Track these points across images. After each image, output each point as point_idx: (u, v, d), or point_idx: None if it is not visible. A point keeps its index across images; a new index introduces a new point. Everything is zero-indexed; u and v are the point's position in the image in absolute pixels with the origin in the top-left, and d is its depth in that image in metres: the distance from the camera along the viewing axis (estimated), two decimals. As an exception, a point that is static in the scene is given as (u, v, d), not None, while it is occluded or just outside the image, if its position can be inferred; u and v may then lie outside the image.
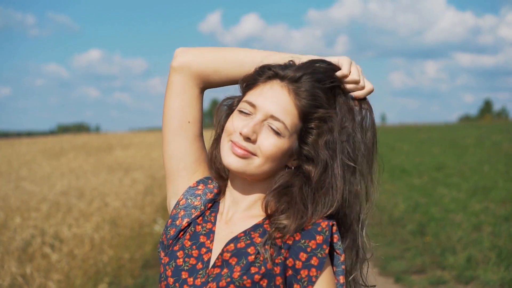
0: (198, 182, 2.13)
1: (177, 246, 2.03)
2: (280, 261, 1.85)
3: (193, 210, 2.07)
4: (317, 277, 1.83)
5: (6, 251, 7.35)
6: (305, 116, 1.92)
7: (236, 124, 1.94)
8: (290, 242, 1.86)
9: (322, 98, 1.93)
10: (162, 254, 2.12)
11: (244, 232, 1.95)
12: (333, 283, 1.89)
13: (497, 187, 14.83)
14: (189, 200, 2.10)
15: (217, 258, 1.93)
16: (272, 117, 1.90)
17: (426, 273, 8.72)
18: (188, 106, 2.13)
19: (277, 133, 1.90)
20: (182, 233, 2.05)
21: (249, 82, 2.01)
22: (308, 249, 1.84)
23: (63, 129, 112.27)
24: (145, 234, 10.17)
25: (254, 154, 1.91)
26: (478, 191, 14.42)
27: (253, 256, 1.87)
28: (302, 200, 1.90)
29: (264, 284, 1.83)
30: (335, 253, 1.92)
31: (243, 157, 1.91)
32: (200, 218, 2.06)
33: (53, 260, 7.06)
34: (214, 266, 1.92)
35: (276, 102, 1.91)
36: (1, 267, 6.67)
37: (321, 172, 1.91)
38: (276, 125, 1.90)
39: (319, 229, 1.86)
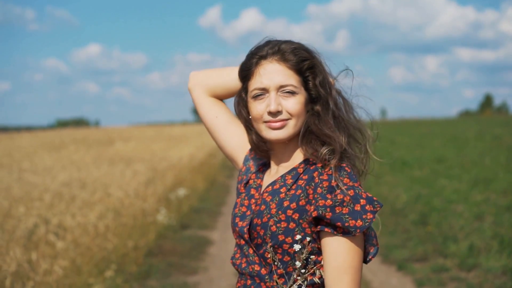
0: (251, 150, 2.59)
1: (238, 198, 2.49)
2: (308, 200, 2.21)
3: (250, 174, 2.54)
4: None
5: (11, 238, 7.39)
6: (299, 70, 2.33)
7: (259, 108, 2.34)
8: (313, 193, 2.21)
9: (303, 53, 2.35)
10: None
11: (281, 175, 2.35)
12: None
13: (498, 178, 14.89)
14: (247, 165, 2.58)
15: (259, 198, 2.36)
16: (281, 86, 2.31)
17: (428, 261, 8.77)
18: (210, 109, 2.65)
19: (292, 94, 2.31)
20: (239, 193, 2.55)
21: (245, 73, 2.41)
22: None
23: (63, 124, 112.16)
24: (148, 223, 10.20)
25: (288, 119, 2.31)
26: (479, 182, 14.48)
27: (283, 194, 2.26)
28: (321, 131, 2.30)
29: (296, 217, 2.19)
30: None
31: (281, 127, 2.30)
32: (254, 175, 2.50)
33: (58, 248, 7.10)
34: (256, 204, 2.35)
35: (276, 74, 2.31)
36: (7, 253, 6.70)
37: (325, 107, 2.34)
38: (287, 89, 2.30)
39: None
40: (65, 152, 24.04)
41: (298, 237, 2.18)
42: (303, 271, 2.19)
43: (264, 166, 2.52)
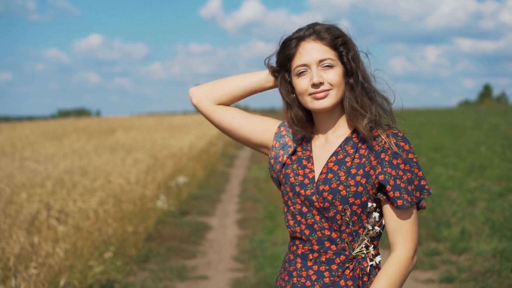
0: (279, 126, 2.82)
1: (288, 170, 2.66)
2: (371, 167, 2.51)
3: (288, 148, 2.73)
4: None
5: (14, 223, 7.59)
6: (334, 46, 2.59)
7: (303, 83, 2.59)
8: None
9: (336, 31, 2.62)
10: (278, 181, 2.74)
11: (340, 146, 2.60)
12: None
13: (492, 166, 15.07)
14: (281, 141, 2.77)
15: (323, 167, 2.58)
16: (320, 61, 2.57)
17: (421, 245, 8.98)
18: (224, 114, 2.83)
19: (330, 67, 2.57)
20: (284, 165, 2.71)
21: (287, 55, 2.66)
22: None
23: (64, 114, 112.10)
24: (148, 209, 10.40)
25: (330, 89, 2.56)
26: (474, 170, 14.66)
27: (349, 163, 2.54)
28: (356, 104, 2.58)
29: (363, 182, 2.49)
30: None
31: (324, 96, 2.56)
32: (300, 148, 2.71)
33: (60, 232, 7.29)
34: (321, 173, 2.57)
35: (314, 51, 2.58)
36: (10, 237, 6.90)
37: (356, 80, 2.59)
38: (326, 63, 2.57)
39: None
40: (67, 141, 24.20)
41: (369, 204, 2.50)
42: (370, 228, 2.51)
43: (303, 139, 2.74)
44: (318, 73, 2.56)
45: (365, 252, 2.52)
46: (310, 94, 2.58)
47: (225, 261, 8.64)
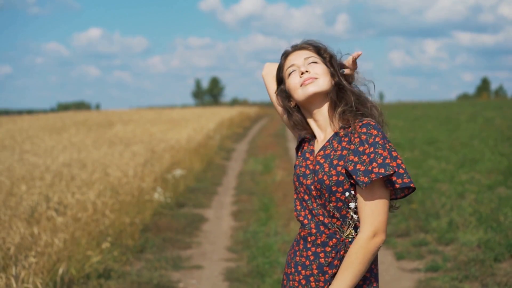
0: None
1: (297, 162, 3.00)
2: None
3: (303, 143, 3.08)
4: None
5: (14, 214, 7.81)
6: (318, 52, 2.97)
7: (294, 78, 2.93)
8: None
9: (316, 42, 3.02)
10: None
11: (328, 140, 2.87)
12: None
13: (484, 159, 15.22)
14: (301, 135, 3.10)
15: (313, 161, 2.89)
16: (305, 59, 2.93)
17: (409, 236, 9.23)
18: (272, 86, 3.24)
19: (316, 63, 2.92)
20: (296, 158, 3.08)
21: (279, 69, 3.06)
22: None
23: (64, 108, 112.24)
24: (145, 201, 10.62)
25: (316, 78, 2.87)
26: (466, 163, 14.83)
27: (332, 155, 2.80)
28: (341, 100, 2.90)
29: (344, 171, 2.72)
30: None
31: (311, 82, 2.86)
32: (307, 143, 3.03)
33: (58, 222, 7.51)
34: (313, 165, 2.87)
35: (300, 55, 2.96)
36: (10, 227, 7.12)
37: (337, 81, 2.91)
38: (311, 60, 2.92)
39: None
40: (66, 135, 24.36)
41: (347, 193, 2.73)
42: (352, 214, 2.76)
43: (312, 136, 3.04)
44: (306, 66, 2.90)
45: (353, 235, 2.76)
46: (300, 86, 2.89)
47: (219, 252, 8.88)
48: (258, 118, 56.09)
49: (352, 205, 2.73)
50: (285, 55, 3.02)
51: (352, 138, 2.75)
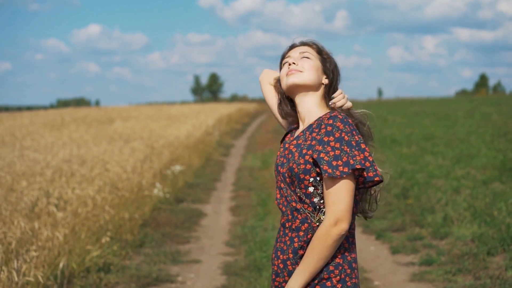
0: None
1: (278, 152, 3.11)
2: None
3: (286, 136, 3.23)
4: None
5: (15, 209, 7.90)
6: (319, 52, 3.09)
7: (283, 69, 3.10)
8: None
9: (321, 45, 3.15)
10: None
11: (302, 131, 2.98)
12: None
13: (480, 155, 15.27)
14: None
15: (288, 150, 3.00)
16: (301, 53, 3.06)
17: (405, 230, 9.36)
18: (270, 91, 3.43)
19: (308, 58, 3.05)
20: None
21: (281, 59, 3.19)
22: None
23: (63, 104, 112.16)
24: (144, 196, 10.72)
25: (300, 71, 3.01)
26: (462, 159, 14.91)
27: (303, 145, 2.90)
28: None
29: (311, 160, 2.82)
30: None
31: (294, 73, 3.00)
32: (289, 134, 3.17)
33: (59, 217, 7.60)
34: (287, 154, 2.98)
35: (299, 49, 3.10)
36: (11, 222, 7.21)
37: (331, 81, 3.06)
38: (305, 55, 3.05)
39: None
40: (66, 131, 24.45)
41: (311, 179, 2.83)
42: (318, 199, 2.86)
43: (296, 128, 3.16)
44: (295, 58, 3.05)
45: (322, 220, 2.84)
46: (286, 75, 3.05)
47: (218, 246, 9.00)
48: (257, 114, 56.08)
49: (311, 189, 2.83)
50: (290, 48, 3.15)
51: (320, 128, 2.86)
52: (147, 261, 7.99)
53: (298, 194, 2.88)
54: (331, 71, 3.04)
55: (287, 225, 2.94)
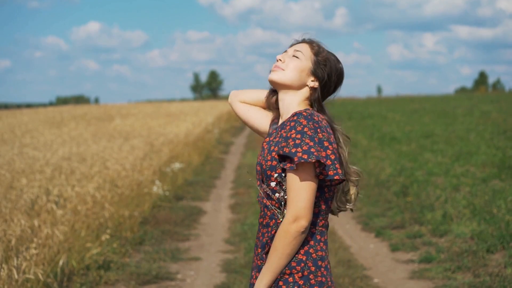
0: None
1: (260, 151, 3.05)
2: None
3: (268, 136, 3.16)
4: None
5: (14, 207, 7.92)
6: (317, 53, 3.02)
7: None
8: None
9: (323, 50, 3.07)
10: None
11: (275, 129, 3.02)
12: None
13: (479, 152, 15.28)
14: (272, 127, 3.17)
15: (261, 147, 3.03)
16: (295, 51, 3.02)
17: (404, 228, 9.37)
18: (243, 107, 3.39)
19: (297, 57, 3.01)
20: None
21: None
22: None
23: (63, 101, 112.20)
24: (144, 194, 10.73)
25: (283, 69, 2.99)
26: (461, 156, 14.92)
27: (272, 142, 2.92)
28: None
29: (276, 156, 2.83)
30: None
31: (276, 71, 3.00)
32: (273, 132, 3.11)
33: (58, 215, 7.61)
34: (261, 151, 3.02)
35: (298, 47, 3.05)
36: (11, 220, 7.23)
37: (323, 85, 3.03)
38: (297, 54, 3.01)
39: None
40: (65, 128, 24.48)
41: (275, 175, 2.84)
42: (282, 195, 2.87)
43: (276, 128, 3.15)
44: (284, 55, 3.05)
45: None
46: (271, 70, 3.06)
47: (217, 244, 9.01)
48: (256, 111, 55.90)
49: (273, 184, 2.85)
50: (294, 43, 3.12)
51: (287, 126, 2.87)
52: (146, 259, 8.00)
53: (266, 191, 2.90)
54: (325, 76, 3.00)
55: (260, 221, 2.98)
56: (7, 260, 6.15)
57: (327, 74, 3.00)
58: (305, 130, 2.76)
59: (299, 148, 2.72)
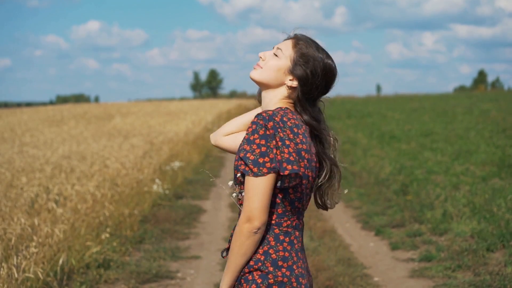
0: None
1: None
2: None
3: None
4: None
5: (14, 205, 7.92)
6: (297, 51, 2.92)
7: None
8: None
9: (307, 45, 2.95)
10: None
11: (251, 126, 2.85)
12: None
13: (479, 151, 15.26)
14: None
15: None
16: (277, 48, 2.97)
17: (404, 226, 9.38)
18: (229, 139, 3.31)
19: (276, 56, 2.96)
20: None
21: None
22: None
23: (63, 100, 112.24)
24: (144, 192, 10.73)
25: (261, 67, 2.96)
26: (461, 155, 14.91)
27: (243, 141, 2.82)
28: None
29: (237, 157, 2.81)
30: None
31: (256, 69, 2.98)
32: None
33: (58, 214, 7.61)
34: None
35: (282, 44, 2.99)
36: (11, 219, 7.23)
37: (304, 86, 2.91)
38: (277, 52, 2.96)
39: None
40: (65, 127, 24.49)
41: (238, 174, 2.83)
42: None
43: None
44: (266, 52, 3.01)
45: None
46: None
47: (217, 242, 9.01)
48: (256, 110, 55.90)
49: (230, 183, 2.90)
50: (287, 37, 3.06)
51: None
52: (146, 257, 8.00)
53: (237, 190, 2.90)
54: (306, 74, 2.89)
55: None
56: (7, 259, 6.14)
57: (310, 72, 2.89)
58: (267, 133, 2.73)
59: (250, 152, 2.71)
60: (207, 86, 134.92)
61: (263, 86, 2.99)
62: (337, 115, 33.79)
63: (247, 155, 2.70)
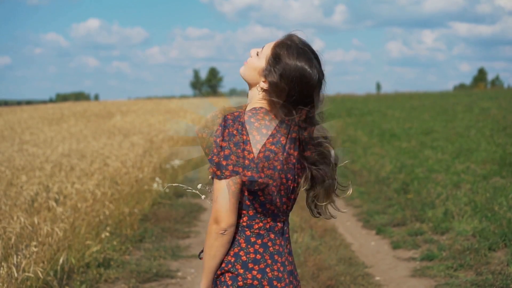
0: None
1: None
2: None
3: None
4: None
5: (14, 204, 7.89)
6: (274, 53, 2.85)
7: None
8: None
9: (281, 46, 2.87)
10: None
11: None
12: None
13: (479, 149, 15.23)
14: None
15: None
16: (262, 47, 2.93)
17: (405, 225, 9.35)
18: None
19: (257, 55, 2.91)
20: None
21: None
22: None
23: (62, 98, 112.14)
24: (144, 191, 10.71)
25: (245, 64, 2.94)
26: (462, 153, 14.88)
27: None
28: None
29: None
30: None
31: (244, 64, 2.95)
32: None
33: (58, 212, 7.59)
34: None
35: (268, 43, 2.92)
36: (11, 217, 7.20)
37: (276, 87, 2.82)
38: (260, 51, 2.91)
39: None
40: (65, 125, 24.46)
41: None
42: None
43: None
44: (256, 50, 2.97)
45: None
46: None
47: (217, 241, 8.96)
48: (256, 108, 55.83)
49: (199, 186, 2.98)
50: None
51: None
52: (147, 256, 7.97)
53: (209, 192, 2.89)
54: (276, 80, 2.78)
55: None
56: (6, 258, 6.12)
57: (279, 76, 2.77)
58: (224, 135, 2.76)
59: (216, 155, 2.75)
60: (207, 84, 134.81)
61: (246, 82, 2.98)
62: (336, 113, 33.73)
63: (213, 158, 2.75)
